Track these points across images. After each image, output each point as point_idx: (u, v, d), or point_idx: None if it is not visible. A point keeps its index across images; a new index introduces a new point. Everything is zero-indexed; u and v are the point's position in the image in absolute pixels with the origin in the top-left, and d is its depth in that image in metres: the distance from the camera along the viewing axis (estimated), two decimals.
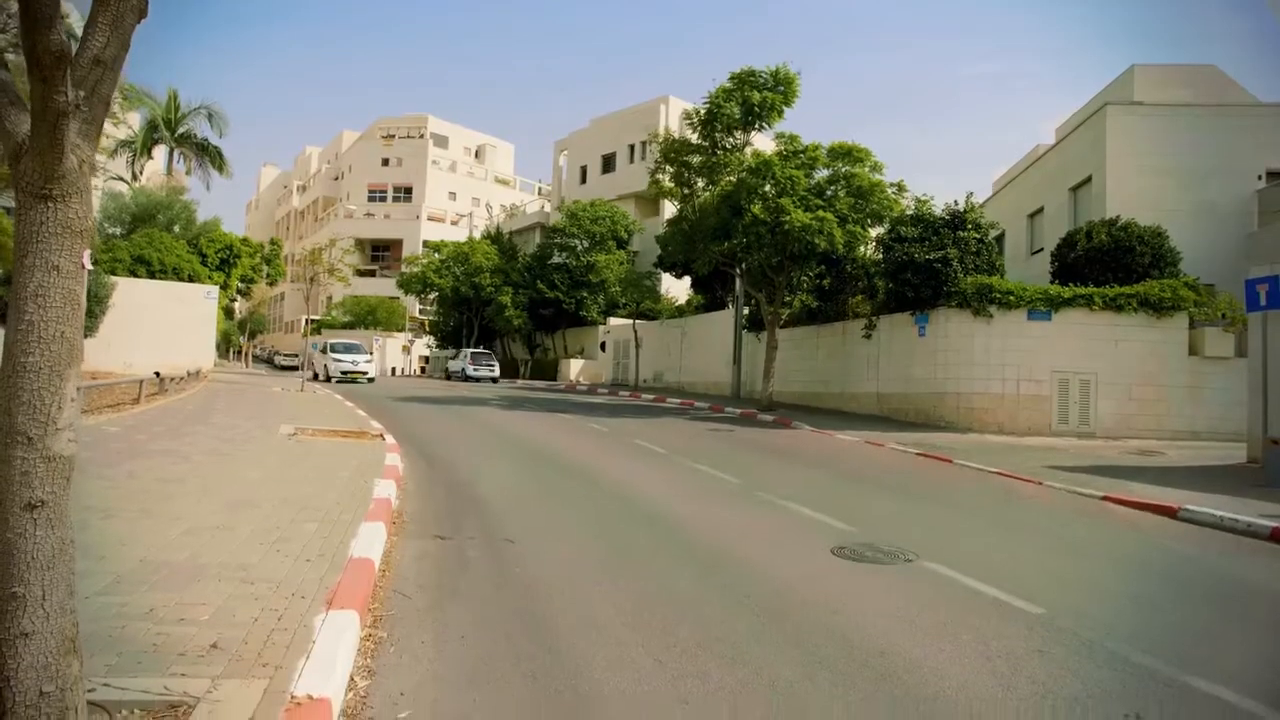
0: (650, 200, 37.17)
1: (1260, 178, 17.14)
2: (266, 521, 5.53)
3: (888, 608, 4.54)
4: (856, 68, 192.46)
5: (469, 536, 5.92)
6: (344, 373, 26.80)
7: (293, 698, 2.85)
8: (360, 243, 55.80)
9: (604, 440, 12.70)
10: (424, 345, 53.39)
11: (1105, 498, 8.37)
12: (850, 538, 6.18)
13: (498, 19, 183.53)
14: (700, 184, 19.32)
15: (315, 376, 28.05)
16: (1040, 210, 21.24)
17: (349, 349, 28.72)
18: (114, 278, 23.28)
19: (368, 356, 28.17)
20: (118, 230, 31.84)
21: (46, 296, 2.29)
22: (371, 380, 27.37)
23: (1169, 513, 7.62)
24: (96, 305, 20.45)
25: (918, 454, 11.75)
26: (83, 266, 2.38)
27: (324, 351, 28.10)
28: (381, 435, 11.08)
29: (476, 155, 66.01)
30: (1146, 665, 3.79)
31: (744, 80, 17.67)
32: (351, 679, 3.30)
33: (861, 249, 18.50)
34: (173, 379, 16.87)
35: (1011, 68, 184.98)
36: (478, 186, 63.12)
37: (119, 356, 22.14)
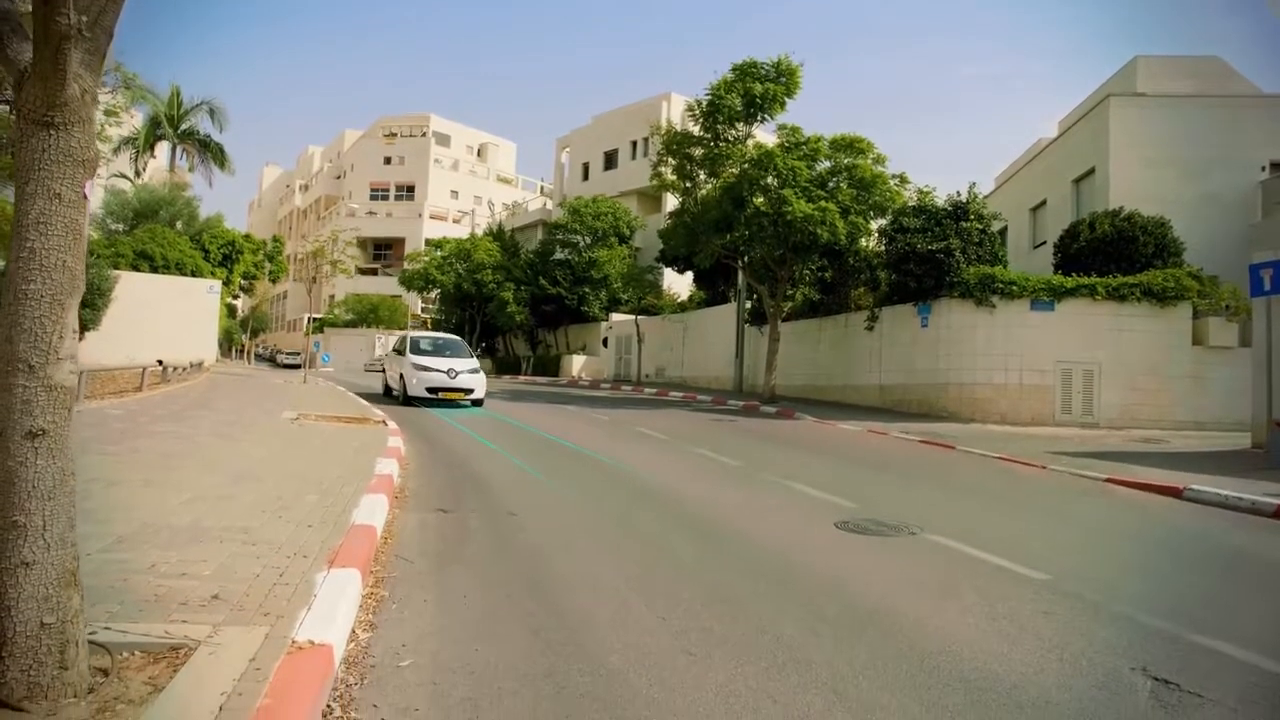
0: (652, 197, 37.16)
1: (1264, 169, 17.10)
2: (269, 492, 5.52)
3: (892, 574, 4.52)
4: (856, 68, 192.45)
5: (471, 510, 5.91)
6: (432, 390, 15.24)
7: (294, 643, 2.83)
8: (362, 241, 55.90)
9: (606, 428, 12.69)
10: None
11: (1109, 479, 8.33)
12: (853, 513, 6.16)
13: (500, 18, 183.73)
14: (702, 176, 19.29)
15: (388, 391, 17.57)
16: (1043, 203, 21.19)
17: (440, 348, 16.74)
18: (116, 271, 23.29)
19: (472, 364, 16.08)
20: (120, 226, 31.92)
21: (48, 224, 2.28)
22: (479, 403, 15.79)
23: (1174, 493, 7.59)
24: (99, 298, 20.46)
25: (920, 441, 11.72)
26: (84, 197, 2.37)
27: (402, 352, 16.43)
28: (384, 421, 11.07)
29: (478, 154, 66.08)
30: (1153, 625, 3.77)
31: (745, 72, 17.63)
32: (353, 632, 3.28)
33: (863, 241, 18.47)
34: (175, 368, 16.88)
35: (1012, 68, 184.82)
36: (480, 185, 63.14)
37: (121, 350, 22.13)
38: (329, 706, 2.61)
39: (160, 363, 16.13)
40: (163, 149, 36.39)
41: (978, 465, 9.71)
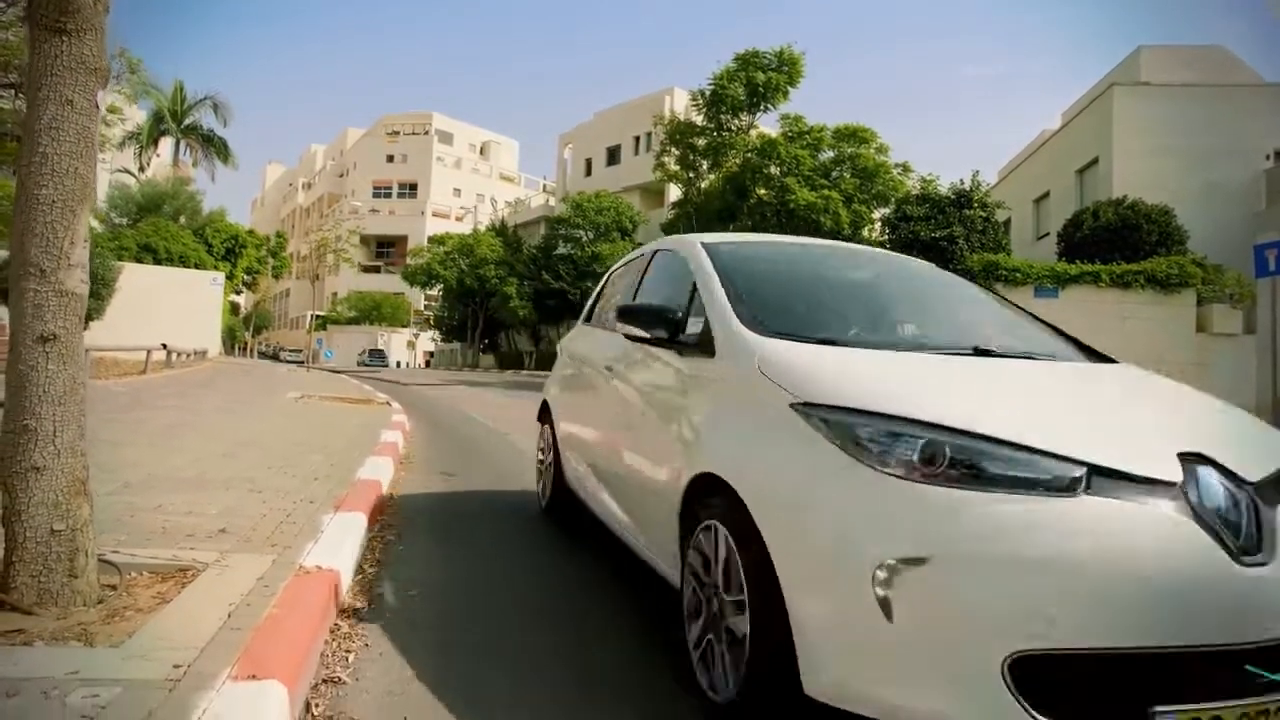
0: (655, 193, 37.19)
1: (1268, 158, 17.06)
2: (274, 454, 5.53)
3: None
4: (857, 68, 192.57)
5: (476, 475, 5.92)
6: None
7: (301, 567, 2.83)
8: (365, 239, 56.03)
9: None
10: (429, 339, 53.55)
11: None
12: None
13: (503, 17, 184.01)
14: (705, 166, 19.33)
15: (559, 503, 4.10)
16: (1046, 195, 21.16)
17: (889, 294, 2.94)
18: (120, 263, 23.32)
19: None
20: (124, 220, 31.99)
21: (60, 130, 2.28)
22: None
23: None
24: (103, 288, 20.44)
25: None
26: (96, 106, 2.37)
27: (673, 337, 2.50)
28: (388, 403, 11.09)
29: (481, 152, 66.19)
30: None
31: (748, 61, 17.66)
32: (360, 566, 3.29)
33: (866, 231, 18.47)
34: (179, 354, 16.93)
35: (1012, 69, 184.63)
36: (482, 183, 63.26)
37: (125, 341, 22.17)
38: (336, 623, 2.62)
39: (164, 346, 16.17)
40: (166, 145, 36.49)
41: None
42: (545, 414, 4.31)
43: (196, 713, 1.72)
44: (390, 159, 62.43)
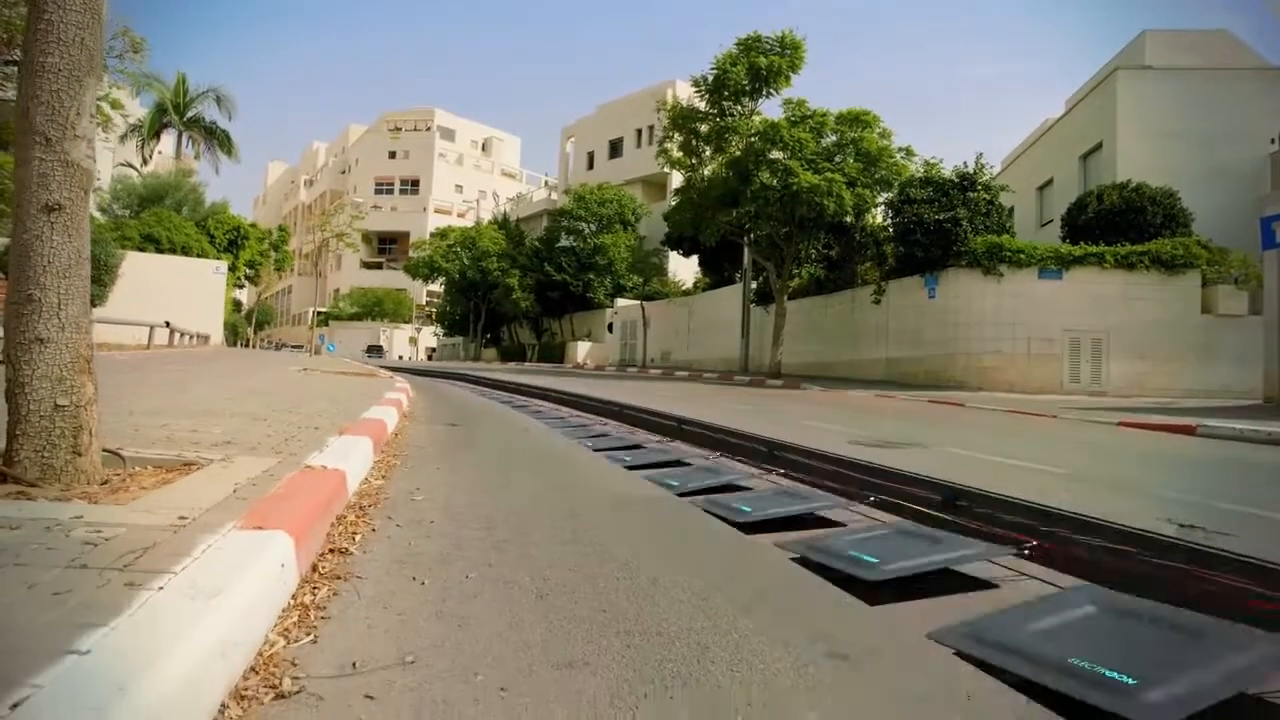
0: (657, 185, 37.17)
1: (1273, 141, 16.93)
2: (278, 400, 5.50)
3: (910, 464, 4.48)
4: (856, 69, 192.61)
5: (479, 426, 5.89)
6: None
7: (307, 466, 2.81)
8: (367, 235, 56.00)
9: (612, 389, 12.64)
10: (431, 335, 53.57)
11: (1121, 423, 8.27)
12: (865, 437, 6.13)
13: (505, 14, 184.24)
14: (708, 152, 19.24)
15: None
16: (1049, 182, 21.10)
17: None
18: (123, 251, 23.31)
19: None
20: (126, 212, 31.97)
21: None
22: None
23: (1187, 431, 7.52)
24: (106, 274, 20.44)
25: (929, 401, 11.66)
26: None
27: None
28: (392, 376, 11.06)
29: (483, 148, 66.19)
30: (1179, 499, 3.73)
31: (750, 46, 17.61)
32: (367, 479, 3.26)
33: (869, 216, 18.40)
34: (182, 334, 16.93)
35: (1012, 70, 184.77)
36: (484, 179, 63.27)
37: (127, 329, 22.15)
38: (343, 514, 2.59)
39: (168, 324, 16.17)
40: (169, 139, 36.43)
41: (988, 416, 9.65)
42: None
43: (200, 547, 1.69)
44: (392, 155, 62.46)
